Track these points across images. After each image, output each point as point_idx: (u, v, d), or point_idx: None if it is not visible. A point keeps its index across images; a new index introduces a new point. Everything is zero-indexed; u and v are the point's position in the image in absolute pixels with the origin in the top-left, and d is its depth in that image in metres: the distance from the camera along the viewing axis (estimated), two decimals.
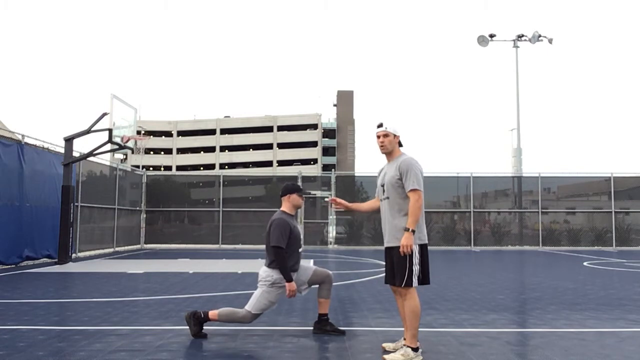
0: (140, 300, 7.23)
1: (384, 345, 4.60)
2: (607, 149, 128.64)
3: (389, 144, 4.51)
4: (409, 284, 4.29)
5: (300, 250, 5.25)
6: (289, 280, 4.94)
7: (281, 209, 5.25)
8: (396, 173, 4.40)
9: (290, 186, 5.30)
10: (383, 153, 4.58)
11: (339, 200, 5.05)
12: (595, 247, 21.79)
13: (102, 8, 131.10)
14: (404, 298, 4.35)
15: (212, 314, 5.03)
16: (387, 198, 4.47)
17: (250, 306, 4.99)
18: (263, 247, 5.41)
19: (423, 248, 4.37)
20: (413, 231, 4.25)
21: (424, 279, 4.36)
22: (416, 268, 4.30)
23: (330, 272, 5.31)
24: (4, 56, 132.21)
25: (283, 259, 4.94)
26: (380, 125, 4.53)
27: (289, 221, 5.11)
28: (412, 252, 4.28)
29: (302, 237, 5.25)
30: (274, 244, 4.96)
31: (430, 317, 6.10)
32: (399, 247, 4.29)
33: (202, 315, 5.03)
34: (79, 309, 6.49)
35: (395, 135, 4.51)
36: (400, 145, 4.59)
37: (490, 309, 6.71)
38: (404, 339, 4.42)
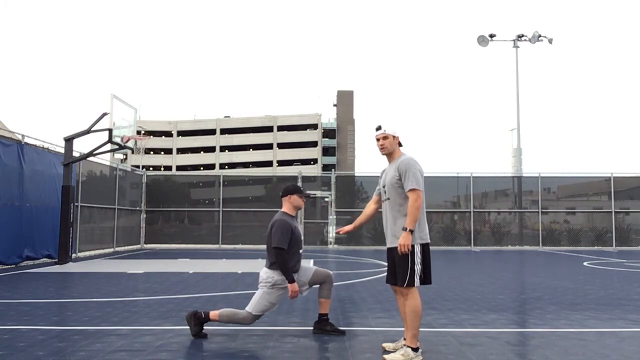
0: (140, 300, 7.23)
1: (384, 345, 4.60)
2: (607, 149, 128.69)
3: (389, 146, 4.52)
4: (411, 283, 4.29)
5: (300, 251, 5.25)
6: (291, 281, 4.93)
7: (282, 209, 5.25)
8: (396, 174, 4.40)
9: (290, 187, 5.30)
10: (383, 155, 4.59)
11: (343, 229, 5.03)
12: (595, 247, 21.79)
13: (102, 8, 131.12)
14: (406, 298, 4.35)
15: (213, 314, 5.03)
16: (388, 199, 4.48)
17: (250, 307, 4.99)
18: (263, 247, 5.38)
19: (425, 247, 4.37)
20: (411, 231, 4.25)
21: (425, 279, 4.36)
22: (418, 268, 4.30)
23: (331, 272, 5.31)
24: (4, 56, 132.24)
25: (284, 260, 4.94)
26: (379, 128, 4.53)
27: (290, 222, 5.10)
28: (413, 252, 4.29)
29: (302, 237, 5.25)
30: (275, 245, 4.96)
31: (430, 317, 6.10)
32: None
33: (203, 316, 5.02)
34: (79, 309, 6.49)
35: (394, 137, 4.52)
36: (400, 145, 4.59)
37: (490, 309, 6.71)
38: (404, 339, 4.41)
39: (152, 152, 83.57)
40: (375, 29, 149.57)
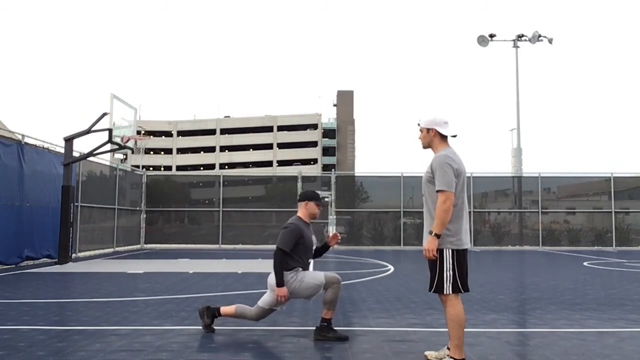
0: (140, 300, 7.23)
1: (427, 353, 4.39)
2: (607, 149, 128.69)
3: (423, 139, 4.30)
4: (440, 290, 4.07)
5: (310, 260, 5.14)
6: (280, 285, 4.85)
7: (297, 214, 5.18)
8: (429, 170, 4.16)
9: (309, 193, 5.20)
10: (424, 149, 4.36)
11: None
12: (595, 247, 21.79)
13: (102, 8, 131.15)
14: (444, 305, 4.12)
15: (223, 310, 5.13)
16: (423, 195, 4.26)
17: (261, 302, 5.07)
18: (263, 247, 5.36)
19: (458, 253, 4.07)
20: (438, 235, 3.98)
21: (462, 286, 4.08)
22: (448, 274, 4.04)
23: (339, 277, 5.10)
24: (4, 56, 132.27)
25: (281, 262, 4.88)
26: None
27: (303, 229, 5.00)
28: (442, 257, 4.04)
29: (313, 246, 5.17)
30: (278, 245, 4.92)
31: (430, 317, 6.10)
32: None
33: (215, 312, 5.19)
34: (79, 309, 6.49)
35: (429, 130, 4.24)
36: (443, 137, 4.23)
37: (490, 309, 6.71)
38: (448, 348, 4.18)
39: (152, 152, 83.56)
40: (375, 29, 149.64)
